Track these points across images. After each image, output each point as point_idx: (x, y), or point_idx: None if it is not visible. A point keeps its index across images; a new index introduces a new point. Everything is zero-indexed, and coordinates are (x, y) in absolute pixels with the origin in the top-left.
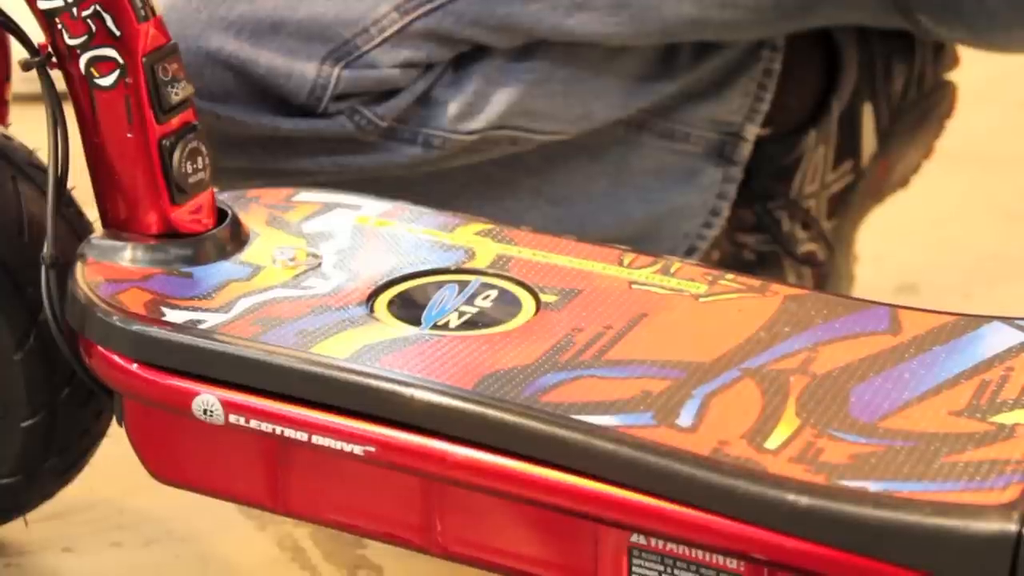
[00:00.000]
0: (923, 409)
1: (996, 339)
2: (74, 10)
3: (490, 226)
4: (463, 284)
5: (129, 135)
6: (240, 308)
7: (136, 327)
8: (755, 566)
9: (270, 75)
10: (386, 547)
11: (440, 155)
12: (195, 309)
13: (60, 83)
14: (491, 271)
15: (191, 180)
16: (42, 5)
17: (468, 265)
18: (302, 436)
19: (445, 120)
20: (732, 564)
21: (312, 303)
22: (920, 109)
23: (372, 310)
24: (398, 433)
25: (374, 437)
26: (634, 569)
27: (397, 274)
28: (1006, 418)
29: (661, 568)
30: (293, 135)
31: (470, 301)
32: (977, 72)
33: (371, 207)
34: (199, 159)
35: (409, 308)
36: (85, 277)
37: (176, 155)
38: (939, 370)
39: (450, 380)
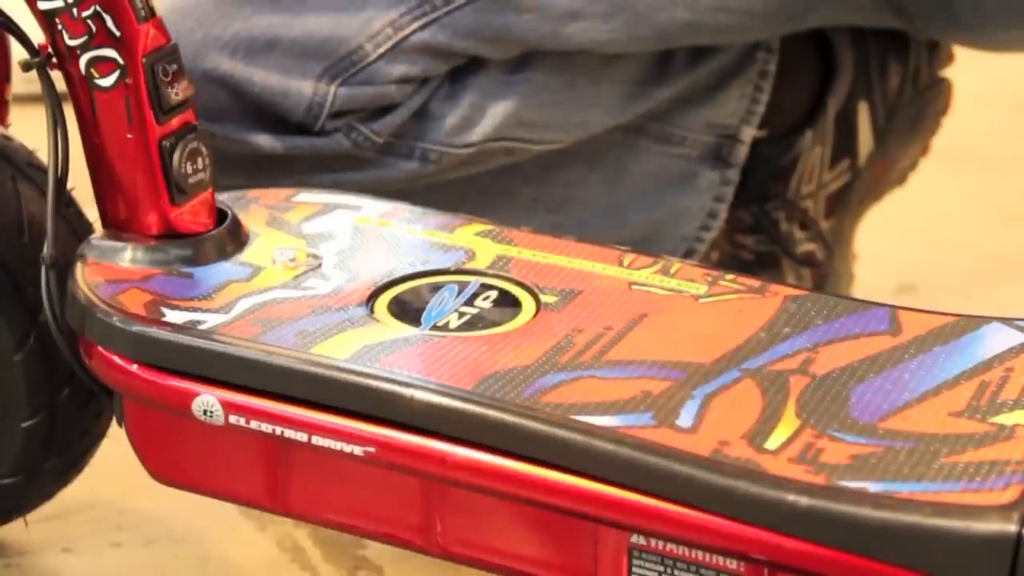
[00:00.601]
0: (923, 410)
1: (996, 340)
2: (74, 11)
3: (490, 227)
4: (463, 285)
5: (129, 135)
6: (240, 309)
7: (136, 328)
8: (755, 566)
9: (266, 94)
10: (386, 548)
11: (437, 169)
12: (195, 310)
13: (60, 84)
14: (491, 272)
15: (191, 180)
16: (42, 6)
17: (468, 266)
18: (302, 437)
19: (442, 134)
20: (732, 564)
21: (312, 304)
22: (916, 107)
23: (372, 311)
24: (398, 434)
25: (374, 438)
26: (634, 569)
27: (397, 275)
28: (1006, 419)
29: (661, 568)
30: (290, 153)
31: (470, 302)
32: (976, 73)
33: (371, 208)
34: (199, 159)
35: (409, 309)
36: (85, 278)
37: (176, 155)
38: (939, 371)
39: (450, 381)
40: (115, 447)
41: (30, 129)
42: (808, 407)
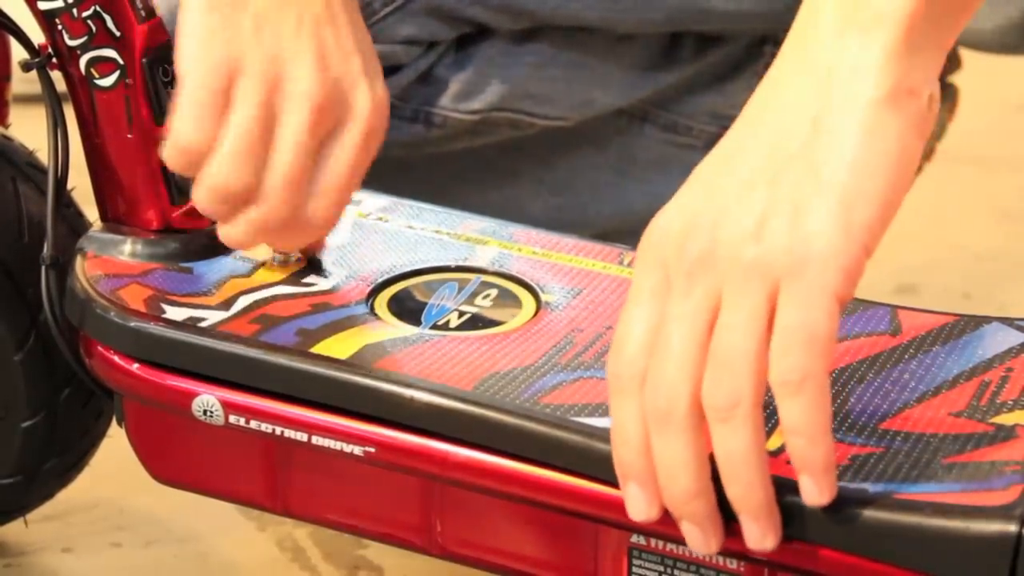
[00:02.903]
0: (923, 410)
1: (996, 340)
2: (74, 11)
3: (491, 223)
4: (463, 283)
5: (129, 136)
6: (240, 305)
7: (135, 324)
8: (755, 566)
9: None
10: (386, 547)
11: (441, 134)
12: (195, 306)
13: (60, 84)
14: (491, 269)
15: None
16: (42, 6)
17: (468, 263)
18: (302, 437)
19: (446, 99)
20: (732, 564)
21: (312, 301)
22: None
23: (372, 309)
24: (398, 434)
25: (374, 438)
26: (634, 569)
27: (397, 272)
28: (1006, 419)
29: (661, 568)
30: None
31: (470, 300)
32: (976, 73)
33: (371, 203)
34: None
35: (409, 307)
36: (85, 272)
37: None
38: (939, 371)
39: (450, 381)
40: (115, 447)
41: (30, 129)
42: None
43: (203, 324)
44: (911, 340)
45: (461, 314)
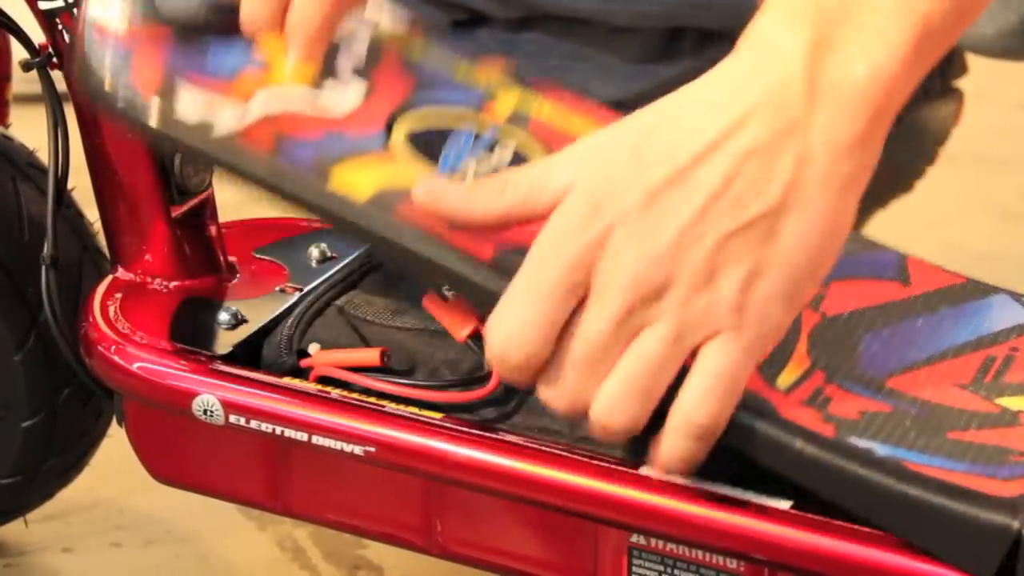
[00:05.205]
0: (929, 374)
1: (1003, 313)
2: (74, 11)
3: (513, 69)
4: (482, 128)
5: (129, 135)
6: (256, 109)
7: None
8: (755, 566)
9: None
10: (386, 547)
11: None
12: (211, 93)
13: (60, 84)
14: (510, 123)
15: (192, 180)
16: (42, 6)
17: (488, 109)
18: (302, 436)
19: None
20: (732, 564)
21: (329, 123)
22: (926, 115)
23: (388, 139)
24: (398, 433)
25: (374, 437)
26: (634, 569)
27: (415, 104)
28: (1011, 403)
29: (661, 568)
30: None
31: (487, 153)
32: (976, 73)
33: (393, 26)
34: None
35: (426, 145)
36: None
37: (177, 156)
38: (946, 335)
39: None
40: (115, 447)
41: (30, 129)
42: (818, 347)
43: (218, 129)
44: (919, 295)
45: (478, 162)
